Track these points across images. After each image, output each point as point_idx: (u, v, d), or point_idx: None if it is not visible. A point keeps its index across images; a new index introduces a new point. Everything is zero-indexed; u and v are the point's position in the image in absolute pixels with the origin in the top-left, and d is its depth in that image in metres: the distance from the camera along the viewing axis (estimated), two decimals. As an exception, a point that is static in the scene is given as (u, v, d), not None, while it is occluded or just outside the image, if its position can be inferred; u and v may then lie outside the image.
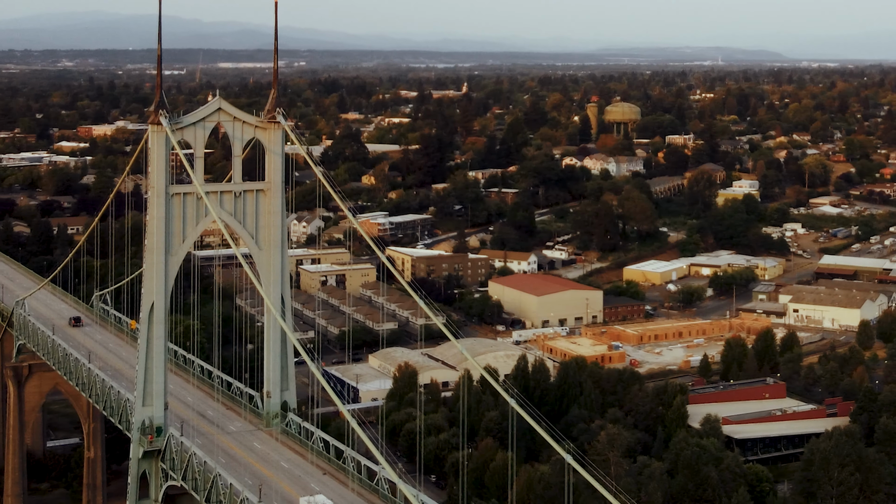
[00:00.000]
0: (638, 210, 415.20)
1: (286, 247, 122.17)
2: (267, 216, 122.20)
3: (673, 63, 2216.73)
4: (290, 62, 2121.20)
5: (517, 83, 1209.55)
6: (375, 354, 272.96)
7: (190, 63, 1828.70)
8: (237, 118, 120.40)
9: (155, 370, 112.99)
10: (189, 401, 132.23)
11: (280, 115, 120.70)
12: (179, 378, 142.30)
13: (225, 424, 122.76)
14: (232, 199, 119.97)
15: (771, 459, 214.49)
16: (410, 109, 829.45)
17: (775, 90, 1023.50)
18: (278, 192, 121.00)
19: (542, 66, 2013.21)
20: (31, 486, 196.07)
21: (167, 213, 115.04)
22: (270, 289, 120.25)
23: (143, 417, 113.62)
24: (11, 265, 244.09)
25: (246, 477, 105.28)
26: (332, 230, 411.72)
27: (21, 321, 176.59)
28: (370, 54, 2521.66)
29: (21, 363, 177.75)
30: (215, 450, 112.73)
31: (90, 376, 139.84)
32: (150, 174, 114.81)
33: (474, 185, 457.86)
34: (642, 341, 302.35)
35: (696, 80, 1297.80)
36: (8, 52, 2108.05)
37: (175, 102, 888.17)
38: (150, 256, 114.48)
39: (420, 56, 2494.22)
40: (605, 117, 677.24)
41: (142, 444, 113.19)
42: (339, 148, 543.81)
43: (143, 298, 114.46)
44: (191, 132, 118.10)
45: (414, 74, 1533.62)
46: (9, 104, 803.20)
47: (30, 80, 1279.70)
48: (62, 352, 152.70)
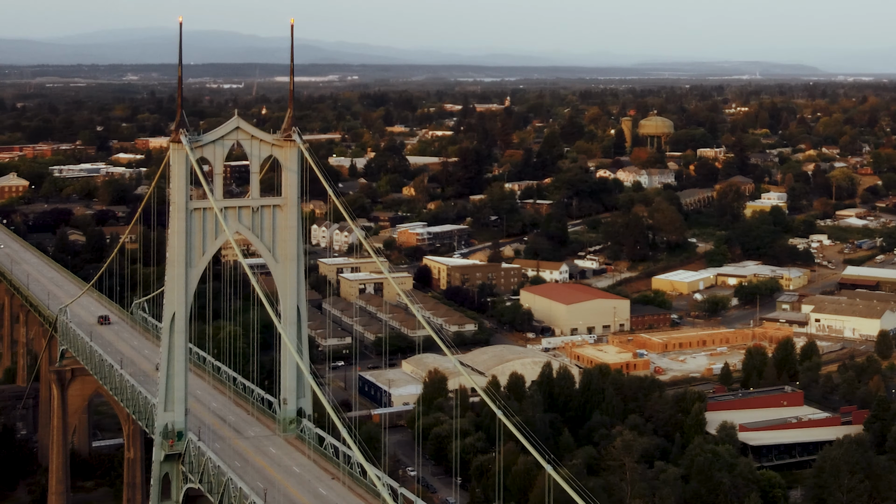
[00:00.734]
0: (667, 221, 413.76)
1: (302, 259, 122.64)
2: (283, 230, 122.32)
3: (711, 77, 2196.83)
4: (342, 76, 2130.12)
5: (558, 97, 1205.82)
6: (409, 360, 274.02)
7: (247, 77, 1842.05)
8: (255, 136, 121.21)
9: (176, 377, 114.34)
10: (213, 406, 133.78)
11: (296, 133, 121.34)
12: (206, 383, 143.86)
13: (244, 429, 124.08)
14: (250, 214, 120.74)
15: (785, 466, 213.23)
16: (454, 123, 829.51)
17: (808, 104, 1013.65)
18: (294, 207, 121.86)
19: (585, 80, 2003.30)
20: (77, 483, 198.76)
21: (188, 228, 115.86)
22: (287, 300, 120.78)
23: (164, 422, 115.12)
24: (61, 273, 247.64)
25: (258, 481, 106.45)
26: (372, 240, 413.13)
27: (63, 327, 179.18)
28: (420, 69, 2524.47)
29: (64, 367, 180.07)
30: (232, 454, 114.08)
31: (122, 381, 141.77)
32: (172, 190, 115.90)
33: (510, 196, 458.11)
34: (667, 349, 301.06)
35: (731, 94, 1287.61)
36: (76, 67, 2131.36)
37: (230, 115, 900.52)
38: (171, 269, 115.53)
39: (467, 70, 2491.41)
40: (639, 131, 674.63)
41: (163, 448, 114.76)
42: (382, 160, 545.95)
43: (165, 309, 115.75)
44: (210, 150, 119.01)
45: (460, 88, 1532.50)
46: (72, 117, 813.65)
47: (95, 94, 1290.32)
48: (98, 357, 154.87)
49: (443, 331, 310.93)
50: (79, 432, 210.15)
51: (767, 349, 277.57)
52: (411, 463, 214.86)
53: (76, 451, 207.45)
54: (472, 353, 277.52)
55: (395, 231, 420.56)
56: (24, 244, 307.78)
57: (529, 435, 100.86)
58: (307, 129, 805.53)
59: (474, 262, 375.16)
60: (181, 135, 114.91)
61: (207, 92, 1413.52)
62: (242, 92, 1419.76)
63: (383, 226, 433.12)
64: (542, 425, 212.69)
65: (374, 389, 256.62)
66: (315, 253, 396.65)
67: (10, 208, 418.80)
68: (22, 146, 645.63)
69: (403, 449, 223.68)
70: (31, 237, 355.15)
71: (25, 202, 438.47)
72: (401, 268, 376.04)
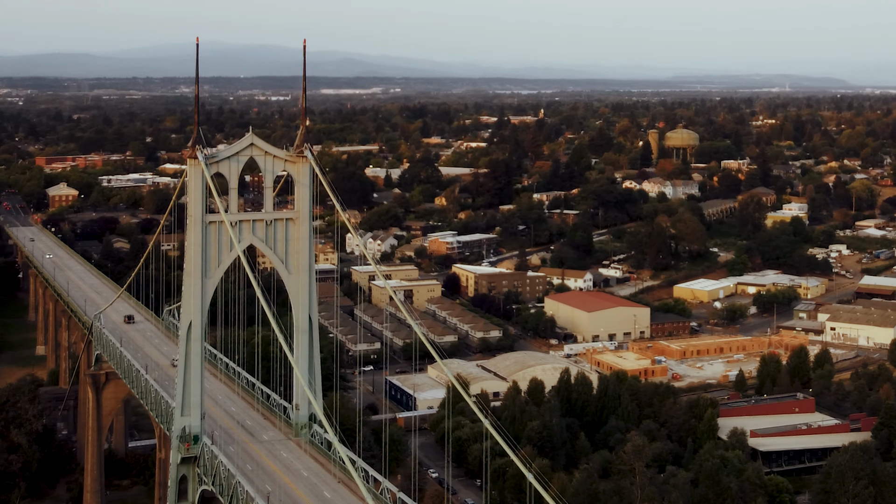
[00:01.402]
0: (689, 231, 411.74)
1: (314, 270, 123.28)
2: (296, 242, 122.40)
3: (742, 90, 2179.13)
4: (386, 89, 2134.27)
5: (591, 109, 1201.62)
6: (434, 365, 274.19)
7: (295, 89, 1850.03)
8: (268, 153, 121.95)
9: (192, 383, 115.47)
10: (232, 410, 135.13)
11: (308, 150, 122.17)
12: (227, 388, 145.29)
13: (259, 433, 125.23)
14: (264, 227, 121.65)
15: (795, 471, 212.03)
16: (489, 134, 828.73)
17: (834, 116, 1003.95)
18: (306, 220, 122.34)
19: (619, 93, 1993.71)
20: (114, 482, 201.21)
21: (204, 240, 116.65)
22: (299, 309, 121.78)
23: (181, 426, 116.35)
24: (102, 279, 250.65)
25: (267, 483, 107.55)
26: (405, 248, 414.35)
27: (98, 332, 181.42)
28: (460, 81, 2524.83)
29: (99, 371, 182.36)
30: (245, 457, 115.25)
31: (147, 385, 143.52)
32: (189, 204, 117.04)
33: (538, 206, 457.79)
34: (685, 356, 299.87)
35: (760, 106, 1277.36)
36: (132, 80, 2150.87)
37: (275, 126, 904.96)
38: (188, 279, 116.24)
39: (506, 83, 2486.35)
40: (666, 143, 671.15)
41: (180, 451, 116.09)
42: (415, 171, 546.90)
43: (182, 318, 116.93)
44: (225, 165, 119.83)
45: (498, 100, 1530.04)
46: (123, 128, 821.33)
47: (148, 105, 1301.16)
48: (127, 362, 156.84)
49: (469, 337, 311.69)
50: (116, 433, 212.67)
51: (783, 357, 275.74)
52: (433, 465, 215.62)
53: (113, 450, 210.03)
54: (495, 359, 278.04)
55: (427, 240, 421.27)
56: (70, 251, 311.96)
57: (512, 443, 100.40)
58: (347, 140, 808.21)
59: (501, 271, 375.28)
60: (197, 151, 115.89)
61: (256, 104, 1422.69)
62: (289, 104, 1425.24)
63: (415, 235, 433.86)
64: (559, 430, 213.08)
65: (400, 394, 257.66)
66: (348, 261, 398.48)
67: (60, 217, 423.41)
68: (75, 156, 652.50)
69: (426, 451, 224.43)
70: (78, 245, 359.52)
71: (74, 211, 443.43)
72: (431, 275, 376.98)
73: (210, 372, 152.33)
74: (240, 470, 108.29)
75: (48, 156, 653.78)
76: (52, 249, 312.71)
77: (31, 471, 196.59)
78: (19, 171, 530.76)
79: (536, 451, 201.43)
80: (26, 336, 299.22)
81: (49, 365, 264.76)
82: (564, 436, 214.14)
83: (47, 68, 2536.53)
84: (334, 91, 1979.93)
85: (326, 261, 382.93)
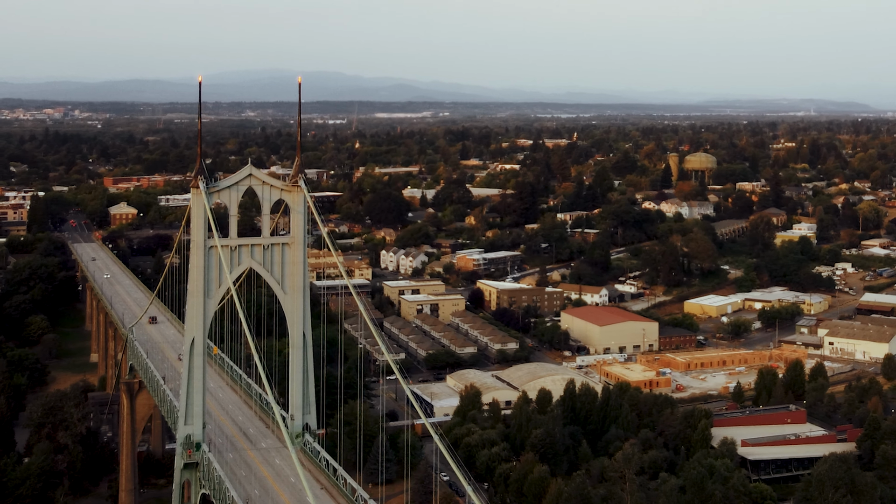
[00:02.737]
0: (701, 250, 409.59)
1: (308, 291, 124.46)
2: (291, 265, 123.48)
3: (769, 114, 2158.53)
4: (435, 113, 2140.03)
5: (623, 132, 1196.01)
6: (453, 375, 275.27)
7: (351, 114, 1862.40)
8: (265, 182, 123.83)
9: (195, 394, 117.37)
10: (240, 419, 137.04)
11: (301, 180, 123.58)
12: (238, 398, 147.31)
13: (258, 441, 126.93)
14: (262, 251, 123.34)
15: (783, 479, 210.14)
16: (523, 157, 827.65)
17: (851, 140, 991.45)
18: (300, 245, 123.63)
19: (653, 117, 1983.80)
20: (151, 481, 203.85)
21: (206, 263, 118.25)
22: (294, 327, 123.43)
23: (185, 434, 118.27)
24: (146, 294, 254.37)
25: (256, 489, 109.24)
26: (434, 264, 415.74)
27: (131, 344, 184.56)
28: (505, 106, 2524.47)
29: (133, 380, 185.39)
30: (241, 464, 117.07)
31: (164, 394, 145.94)
32: (192, 230, 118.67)
33: (560, 225, 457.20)
34: (689, 368, 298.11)
35: (783, 130, 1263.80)
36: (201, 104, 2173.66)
37: (326, 149, 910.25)
38: (191, 299, 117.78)
39: (548, 107, 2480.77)
40: (685, 166, 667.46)
41: (182, 457, 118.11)
42: (448, 192, 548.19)
43: (186, 334, 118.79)
44: (226, 194, 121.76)
45: (538, 124, 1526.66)
46: (186, 151, 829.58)
47: (215, 129, 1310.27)
48: (151, 373, 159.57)
49: (488, 348, 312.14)
50: (154, 435, 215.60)
51: (781, 370, 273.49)
52: (444, 469, 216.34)
53: (151, 452, 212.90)
54: (510, 370, 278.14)
55: (455, 256, 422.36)
56: (122, 267, 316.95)
57: (457, 458, 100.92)
58: (391, 161, 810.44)
59: (522, 286, 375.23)
60: (199, 181, 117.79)
61: (313, 127, 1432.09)
62: (345, 127, 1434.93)
63: (445, 252, 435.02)
64: (561, 437, 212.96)
65: (419, 401, 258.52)
66: (382, 276, 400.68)
67: (119, 234, 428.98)
68: (139, 177, 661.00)
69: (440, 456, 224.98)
70: (133, 260, 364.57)
71: (133, 229, 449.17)
72: (458, 290, 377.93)
73: (227, 383, 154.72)
74: (231, 475, 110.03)
75: (115, 176, 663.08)
76: (107, 264, 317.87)
77: (76, 470, 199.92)
78: (86, 190, 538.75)
79: (538, 457, 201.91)
80: (83, 344, 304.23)
81: (100, 371, 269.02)
82: (567, 443, 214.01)
83: (125, 93, 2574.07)
84: (387, 115, 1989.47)
85: (361, 276, 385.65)
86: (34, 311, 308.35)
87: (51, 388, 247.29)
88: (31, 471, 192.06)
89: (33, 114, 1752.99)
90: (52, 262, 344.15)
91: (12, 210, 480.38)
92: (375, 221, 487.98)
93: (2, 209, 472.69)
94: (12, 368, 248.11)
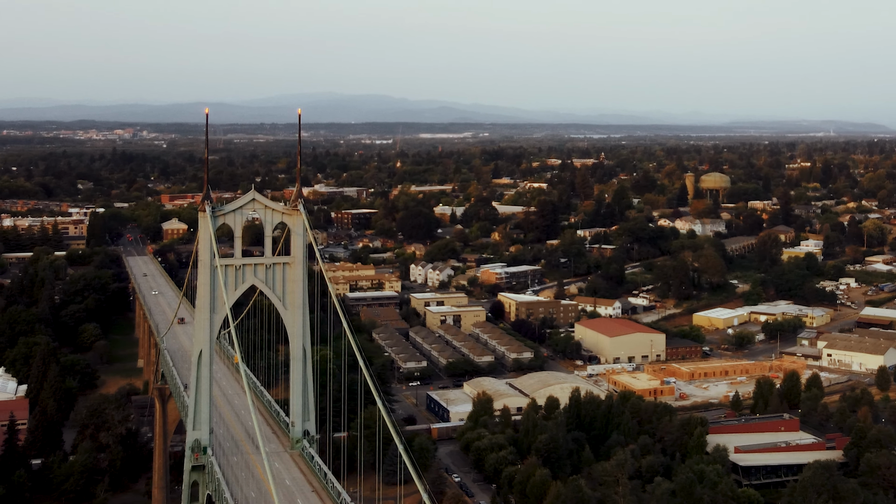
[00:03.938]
0: (710, 265, 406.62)
1: (307, 307, 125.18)
2: (292, 283, 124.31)
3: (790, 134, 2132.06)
4: (475, 133, 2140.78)
5: (649, 152, 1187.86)
6: (469, 382, 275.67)
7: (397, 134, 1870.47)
8: (267, 206, 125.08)
9: (202, 402, 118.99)
10: (249, 424, 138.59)
11: (301, 204, 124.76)
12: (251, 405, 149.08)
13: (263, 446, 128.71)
14: (264, 270, 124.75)
15: (773, 485, 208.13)
16: (551, 175, 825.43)
17: (864, 160, 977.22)
18: (300, 264, 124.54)
19: (679, 137, 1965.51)
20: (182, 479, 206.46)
21: (212, 281, 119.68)
22: (295, 340, 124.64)
23: (193, 438, 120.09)
24: (185, 305, 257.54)
25: (252, 491, 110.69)
26: (460, 277, 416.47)
27: (162, 352, 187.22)
28: (541, 127, 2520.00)
29: (164, 386, 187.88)
30: (244, 466, 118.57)
31: (185, 402, 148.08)
32: (199, 250, 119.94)
33: (580, 241, 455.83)
34: (693, 377, 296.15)
35: (800, 150, 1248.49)
36: (259, 125, 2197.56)
37: (369, 168, 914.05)
38: (199, 314, 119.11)
39: (581, 128, 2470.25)
40: (701, 185, 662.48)
41: (190, 460, 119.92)
42: (475, 209, 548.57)
43: (194, 347, 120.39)
44: (231, 217, 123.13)
45: (571, 144, 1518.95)
46: (240, 169, 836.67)
47: (270, 148, 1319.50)
48: (175, 380, 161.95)
49: (504, 357, 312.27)
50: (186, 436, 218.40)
51: (779, 380, 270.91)
52: (457, 471, 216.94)
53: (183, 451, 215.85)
54: (522, 378, 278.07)
55: (479, 270, 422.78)
56: (168, 279, 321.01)
57: (417, 467, 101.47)
58: (428, 180, 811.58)
59: (539, 299, 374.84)
60: (206, 206, 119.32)
61: (362, 147, 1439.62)
62: (388, 147, 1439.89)
63: (470, 266, 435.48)
64: (565, 442, 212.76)
65: (437, 407, 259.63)
66: (410, 288, 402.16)
67: (169, 248, 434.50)
68: (194, 194, 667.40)
69: (453, 458, 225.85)
70: (181, 272, 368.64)
71: (182, 243, 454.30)
72: (481, 302, 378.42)
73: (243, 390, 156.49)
74: (229, 478, 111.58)
75: (172, 193, 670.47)
76: (154, 276, 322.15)
77: (116, 467, 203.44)
78: (143, 207, 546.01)
79: (542, 460, 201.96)
80: (131, 350, 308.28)
81: (145, 376, 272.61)
82: (570, 447, 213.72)
83: (189, 115, 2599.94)
84: (430, 135, 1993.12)
85: (391, 288, 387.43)
86: (88, 319, 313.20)
87: (100, 392, 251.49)
88: (74, 468, 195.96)
89: (105, 134, 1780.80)
90: (106, 274, 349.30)
91: (73, 225, 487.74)
92: (407, 237, 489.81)
93: (64, 224, 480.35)
94: (64, 373, 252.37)
